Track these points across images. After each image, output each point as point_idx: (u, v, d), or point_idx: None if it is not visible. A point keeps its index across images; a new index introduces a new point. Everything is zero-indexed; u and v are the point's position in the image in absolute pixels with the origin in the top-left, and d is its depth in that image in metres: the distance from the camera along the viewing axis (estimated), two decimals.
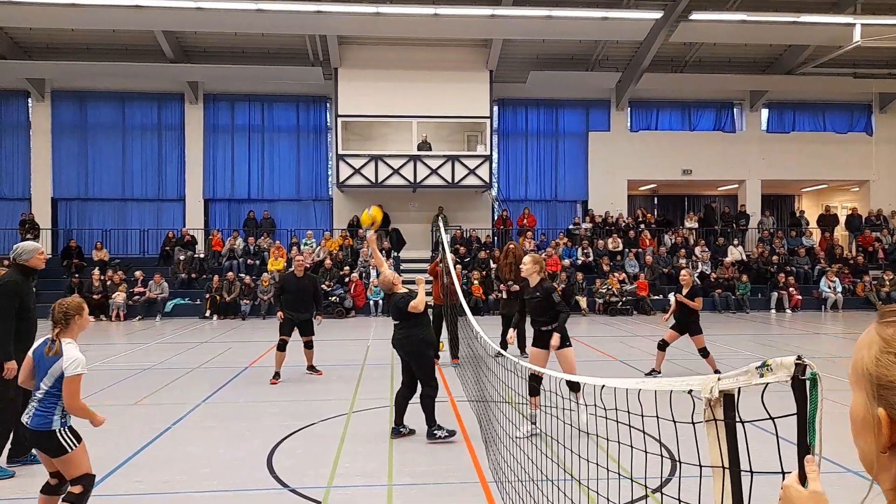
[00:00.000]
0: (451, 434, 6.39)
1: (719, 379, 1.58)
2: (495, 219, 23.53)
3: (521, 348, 10.68)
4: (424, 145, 21.74)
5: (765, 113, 25.06)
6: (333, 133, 22.49)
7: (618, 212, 23.73)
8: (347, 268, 19.99)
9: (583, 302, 18.98)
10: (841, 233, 24.79)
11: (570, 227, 23.42)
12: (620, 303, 19.14)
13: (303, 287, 9.76)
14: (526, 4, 19.04)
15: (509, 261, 11.53)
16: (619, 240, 22.09)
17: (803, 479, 1.23)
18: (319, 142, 23.61)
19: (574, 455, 4.59)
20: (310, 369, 9.94)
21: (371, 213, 7.63)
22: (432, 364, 6.66)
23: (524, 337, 10.51)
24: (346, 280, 19.43)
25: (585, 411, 5.94)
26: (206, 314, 18.40)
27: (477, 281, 18.74)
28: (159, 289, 18.91)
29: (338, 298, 18.82)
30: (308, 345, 9.85)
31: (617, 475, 3.68)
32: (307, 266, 19.18)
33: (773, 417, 1.55)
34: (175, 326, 16.76)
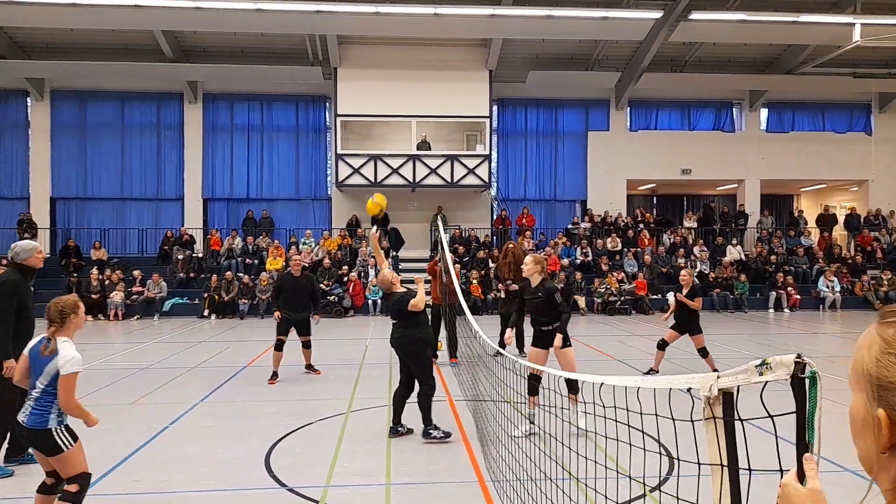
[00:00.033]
0: (446, 436, 6.37)
1: (718, 377, 1.57)
2: (494, 218, 23.52)
3: (520, 348, 10.67)
4: (424, 145, 21.74)
5: (764, 113, 25.07)
6: (332, 132, 22.47)
7: (617, 211, 23.73)
8: (346, 267, 19.99)
9: (581, 301, 18.99)
10: (839, 232, 24.81)
11: (569, 226, 23.42)
12: (619, 302, 19.15)
13: (300, 286, 9.70)
14: (526, 4, 19.04)
15: (508, 260, 11.51)
16: (617, 239, 22.09)
17: (802, 477, 1.23)
18: (318, 141, 23.59)
19: (572, 454, 4.59)
20: (308, 368, 9.91)
21: (375, 201, 7.71)
22: (430, 363, 6.66)
23: (523, 336, 10.51)
24: (345, 279, 19.42)
25: (584, 417, 5.94)
26: (205, 313, 18.39)
27: (476, 280, 18.75)
28: (157, 288, 18.90)
29: (336, 298, 18.81)
30: (306, 344, 9.81)
31: (615, 473, 3.67)
32: (306, 265, 19.10)
33: (772, 416, 1.54)
34: (173, 326, 16.76)
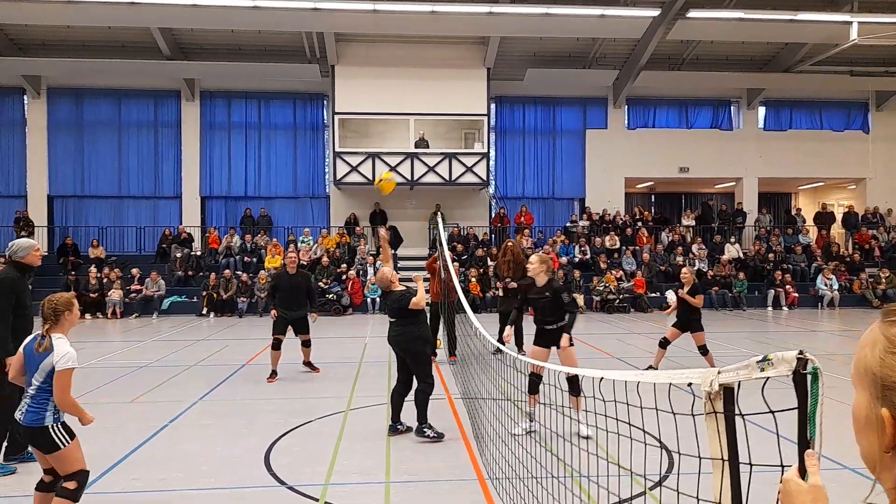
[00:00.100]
0: (439, 437, 6.33)
1: (719, 372, 1.57)
2: (492, 216, 23.52)
3: (519, 346, 10.66)
4: (422, 143, 21.71)
5: (762, 111, 25.08)
6: (330, 130, 22.45)
7: (615, 209, 23.73)
8: (345, 265, 19.97)
9: (580, 300, 18.99)
10: (837, 230, 24.84)
11: (568, 224, 23.42)
12: (617, 300, 19.16)
13: (296, 284, 9.57)
14: (523, 2, 19.04)
15: (507, 258, 11.51)
16: (616, 237, 22.10)
17: (803, 473, 1.23)
18: (316, 139, 23.56)
19: (571, 451, 4.59)
20: (306, 365, 9.85)
21: (388, 180, 8.19)
22: (429, 361, 6.66)
23: (522, 334, 10.51)
24: (344, 277, 19.41)
25: (587, 427, 5.95)
26: (203, 312, 18.37)
27: (474, 278, 18.74)
28: (156, 286, 18.87)
29: (335, 296, 18.80)
30: (306, 343, 9.73)
31: (615, 470, 3.68)
32: (304, 263, 19.08)
33: (773, 411, 1.55)
34: (172, 324, 16.74)
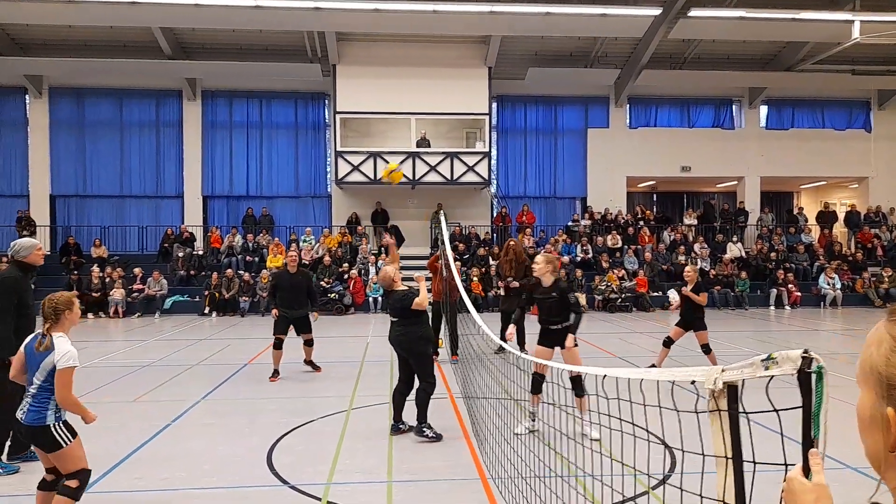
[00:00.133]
0: (437, 437, 6.32)
1: (723, 370, 1.57)
2: (494, 215, 23.52)
3: (521, 345, 10.65)
4: (423, 142, 21.71)
5: (763, 110, 25.04)
6: (332, 130, 22.44)
7: (617, 208, 23.72)
8: (346, 265, 19.98)
9: (582, 299, 18.98)
10: (840, 229, 24.80)
11: (569, 223, 23.41)
12: (619, 299, 19.15)
13: (296, 283, 9.51)
14: (525, 1, 19.02)
15: (509, 257, 11.51)
16: (618, 236, 22.08)
17: (807, 472, 1.23)
18: (318, 138, 23.57)
19: (573, 449, 4.59)
20: (308, 364, 9.80)
21: (396, 170, 8.60)
22: (431, 361, 6.66)
23: (523, 334, 10.50)
24: (346, 277, 19.41)
25: (591, 427, 5.96)
26: (205, 311, 18.38)
27: (476, 278, 18.74)
28: (158, 286, 18.88)
29: (337, 295, 18.80)
30: (308, 342, 9.68)
31: (615, 469, 3.68)
32: (306, 263, 19.07)
33: (777, 410, 1.55)
34: (174, 323, 16.76)
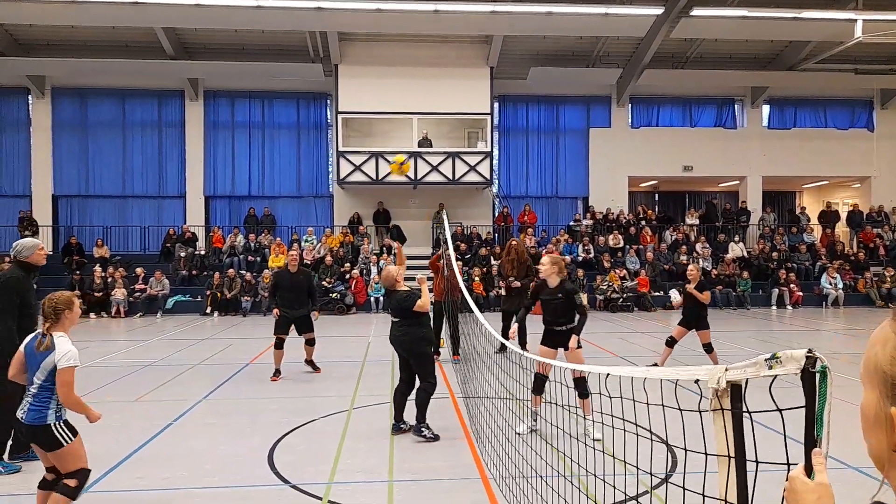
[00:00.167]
0: (435, 438, 6.32)
1: (727, 369, 1.57)
2: (496, 215, 23.51)
3: (522, 345, 10.64)
4: (425, 142, 21.71)
5: (766, 109, 25.01)
6: (334, 130, 22.44)
7: (618, 208, 23.70)
8: (348, 264, 19.98)
9: (584, 299, 18.96)
10: (842, 229, 24.76)
11: (571, 223, 23.40)
12: (621, 299, 19.14)
13: (297, 283, 9.44)
14: (526, 0, 19.00)
15: (511, 257, 11.52)
16: (619, 236, 22.06)
17: (809, 471, 1.23)
18: (320, 138, 23.57)
19: (574, 449, 4.59)
20: (308, 363, 9.73)
21: (402, 162, 9.43)
22: (432, 361, 6.65)
23: (525, 334, 10.50)
24: (347, 277, 19.42)
25: (601, 428, 5.94)
26: (207, 311, 18.39)
27: (478, 277, 18.74)
28: (160, 286, 18.90)
29: (338, 295, 18.81)
30: (310, 342, 9.60)
31: (615, 469, 3.67)
32: (308, 262, 19.05)
33: (780, 409, 1.54)
34: (176, 323, 16.77)
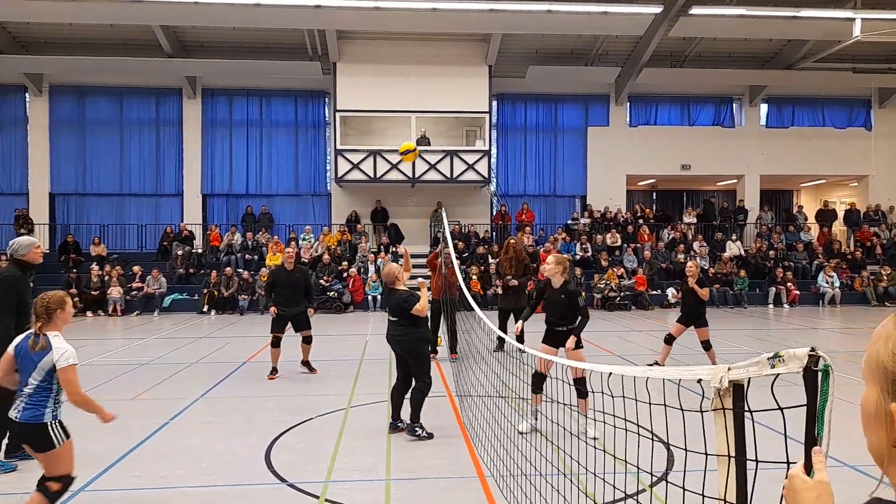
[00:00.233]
0: (429, 437, 6.33)
1: (729, 369, 1.56)
2: (494, 214, 23.51)
3: (520, 341, 10.62)
4: (423, 140, 21.68)
5: (764, 108, 25.02)
6: (332, 128, 22.42)
7: (616, 207, 23.70)
8: (346, 263, 19.97)
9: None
10: (839, 228, 24.79)
11: (569, 222, 23.40)
12: (619, 298, 19.14)
13: (294, 280, 9.36)
14: None
15: (510, 256, 11.53)
16: (617, 235, 22.07)
17: (809, 469, 1.22)
18: (318, 137, 23.54)
19: (572, 447, 4.59)
20: (304, 364, 9.63)
21: (407, 150, 9.33)
22: (428, 361, 6.66)
23: (522, 332, 10.46)
24: (345, 275, 19.41)
25: (594, 425, 5.94)
26: (204, 309, 18.36)
27: (475, 276, 18.74)
28: (157, 284, 18.87)
29: (336, 294, 18.80)
30: (307, 340, 9.51)
31: (614, 467, 3.67)
32: (306, 260, 19.00)
33: (781, 408, 1.53)
34: (173, 322, 16.75)
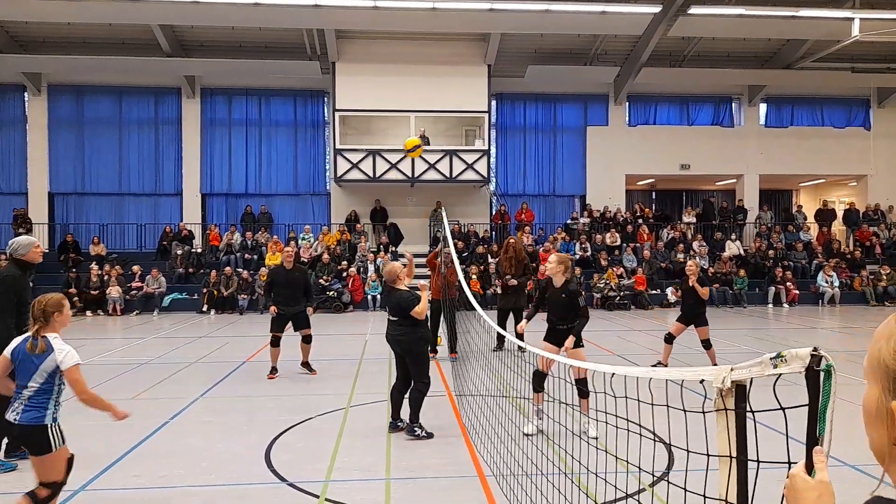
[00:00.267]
0: (429, 436, 6.34)
1: (732, 369, 1.57)
2: (493, 213, 23.51)
3: (520, 338, 10.63)
4: (422, 140, 21.65)
5: (763, 107, 25.03)
6: (331, 127, 22.42)
7: (616, 206, 23.71)
8: (345, 262, 19.97)
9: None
10: (838, 227, 24.80)
11: (568, 221, 23.41)
12: (618, 297, 19.15)
13: (293, 280, 9.34)
14: None
15: (509, 255, 11.54)
16: (616, 234, 22.07)
17: (810, 469, 1.23)
18: (317, 136, 23.53)
19: (572, 447, 4.59)
20: (304, 366, 9.57)
21: (413, 144, 9.72)
22: (427, 361, 6.65)
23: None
24: (344, 275, 19.40)
25: (596, 425, 5.95)
26: (204, 309, 18.35)
27: (475, 275, 18.73)
28: (156, 283, 18.85)
29: (335, 293, 18.79)
30: (306, 339, 9.46)
31: (615, 466, 3.67)
32: (305, 260, 18.98)
33: (783, 408, 1.54)
34: (172, 321, 16.74)
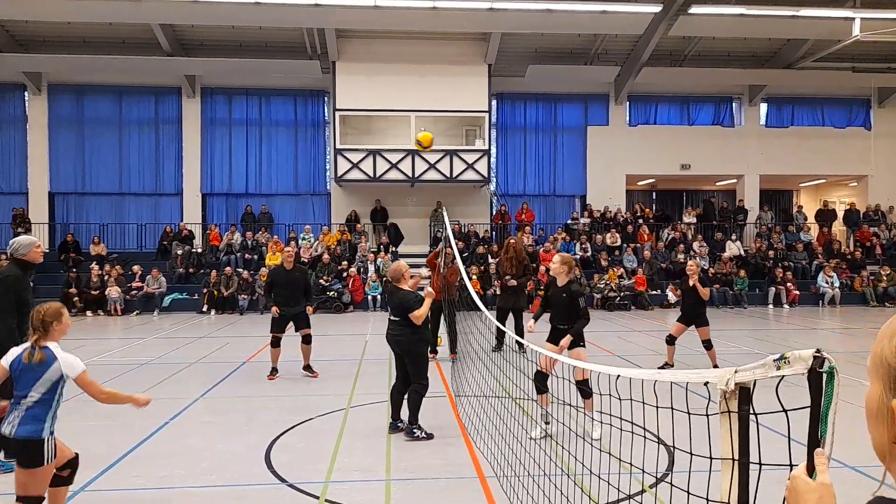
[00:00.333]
0: (428, 437, 6.33)
1: (736, 371, 1.56)
2: (493, 213, 23.51)
3: (520, 345, 10.62)
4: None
5: (763, 107, 25.03)
6: (331, 127, 22.42)
7: (616, 207, 23.70)
8: (345, 262, 19.97)
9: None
10: (839, 228, 24.80)
11: (569, 221, 23.40)
12: (618, 298, 19.14)
13: (293, 280, 9.33)
14: None
15: (510, 255, 11.55)
16: (617, 235, 22.07)
17: (811, 471, 1.22)
18: (317, 136, 23.53)
19: (574, 447, 4.58)
20: (306, 369, 9.51)
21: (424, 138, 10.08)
22: (426, 362, 6.64)
23: (524, 333, 10.49)
24: (344, 275, 19.40)
25: (600, 427, 5.94)
26: (204, 309, 18.34)
27: (475, 276, 18.74)
28: (157, 283, 18.85)
29: (336, 293, 18.79)
30: (306, 339, 9.41)
31: (618, 468, 3.67)
32: (306, 260, 18.99)
33: (786, 410, 1.53)
34: (173, 321, 16.74)
